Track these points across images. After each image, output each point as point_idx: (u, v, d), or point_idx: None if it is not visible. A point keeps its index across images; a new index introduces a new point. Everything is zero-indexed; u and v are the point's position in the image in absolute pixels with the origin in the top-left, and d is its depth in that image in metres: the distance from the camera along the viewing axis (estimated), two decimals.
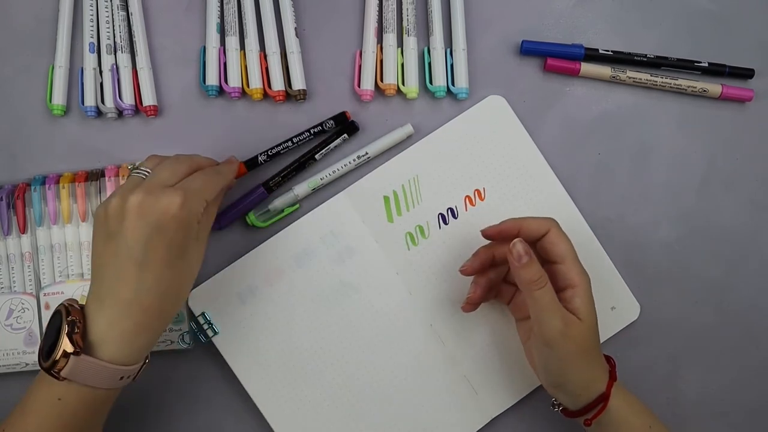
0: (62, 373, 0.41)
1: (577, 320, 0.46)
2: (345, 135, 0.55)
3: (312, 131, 0.55)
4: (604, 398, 0.47)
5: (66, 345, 0.41)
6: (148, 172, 0.45)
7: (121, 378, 0.43)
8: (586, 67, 0.53)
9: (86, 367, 0.41)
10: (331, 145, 0.55)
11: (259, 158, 0.54)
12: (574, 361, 0.46)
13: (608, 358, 0.49)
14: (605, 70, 0.54)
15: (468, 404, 0.55)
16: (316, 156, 0.55)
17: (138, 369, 0.45)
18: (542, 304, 0.45)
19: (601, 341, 0.55)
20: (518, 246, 0.46)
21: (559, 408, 0.51)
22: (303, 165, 0.55)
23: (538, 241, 0.48)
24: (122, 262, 0.42)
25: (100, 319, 0.42)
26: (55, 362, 0.41)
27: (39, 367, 0.42)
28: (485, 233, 0.50)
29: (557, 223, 0.48)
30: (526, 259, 0.45)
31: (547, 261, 0.48)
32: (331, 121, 0.55)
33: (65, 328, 0.41)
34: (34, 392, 0.43)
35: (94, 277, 0.44)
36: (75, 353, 0.40)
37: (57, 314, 0.43)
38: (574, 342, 0.45)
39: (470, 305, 0.52)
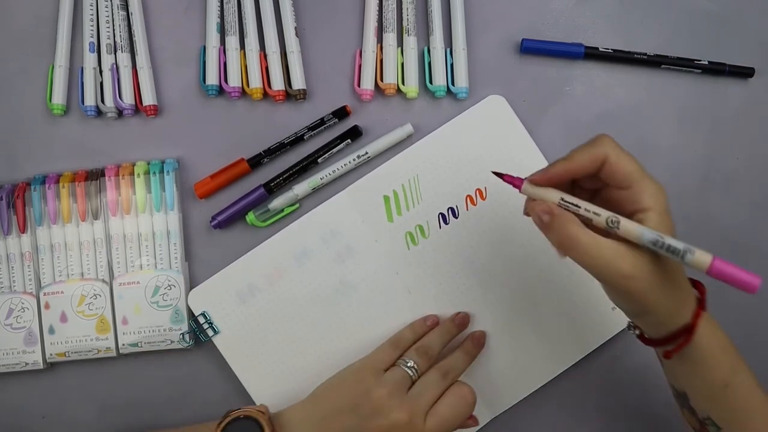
0: None
1: (640, 256, 0.38)
2: (348, 140, 0.55)
3: (313, 127, 0.55)
4: (688, 330, 0.41)
5: None
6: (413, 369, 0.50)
7: None
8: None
9: None
10: (334, 150, 0.55)
11: (263, 160, 0.55)
12: (650, 295, 0.39)
13: (698, 284, 0.43)
14: None
15: None
16: (318, 160, 0.55)
17: None
18: (591, 257, 0.38)
19: (602, 341, 0.55)
20: (535, 209, 0.39)
21: (635, 331, 0.44)
22: (305, 168, 0.55)
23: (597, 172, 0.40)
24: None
25: None
26: None
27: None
28: (533, 179, 0.41)
29: (611, 140, 0.39)
30: (548, 218, 0.39)
31: (614, 187, 0.40)
32: (332, 116, 0.55)
33: None
34: None
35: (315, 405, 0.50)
36: None
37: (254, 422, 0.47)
38: (644, 280, 0.38)
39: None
